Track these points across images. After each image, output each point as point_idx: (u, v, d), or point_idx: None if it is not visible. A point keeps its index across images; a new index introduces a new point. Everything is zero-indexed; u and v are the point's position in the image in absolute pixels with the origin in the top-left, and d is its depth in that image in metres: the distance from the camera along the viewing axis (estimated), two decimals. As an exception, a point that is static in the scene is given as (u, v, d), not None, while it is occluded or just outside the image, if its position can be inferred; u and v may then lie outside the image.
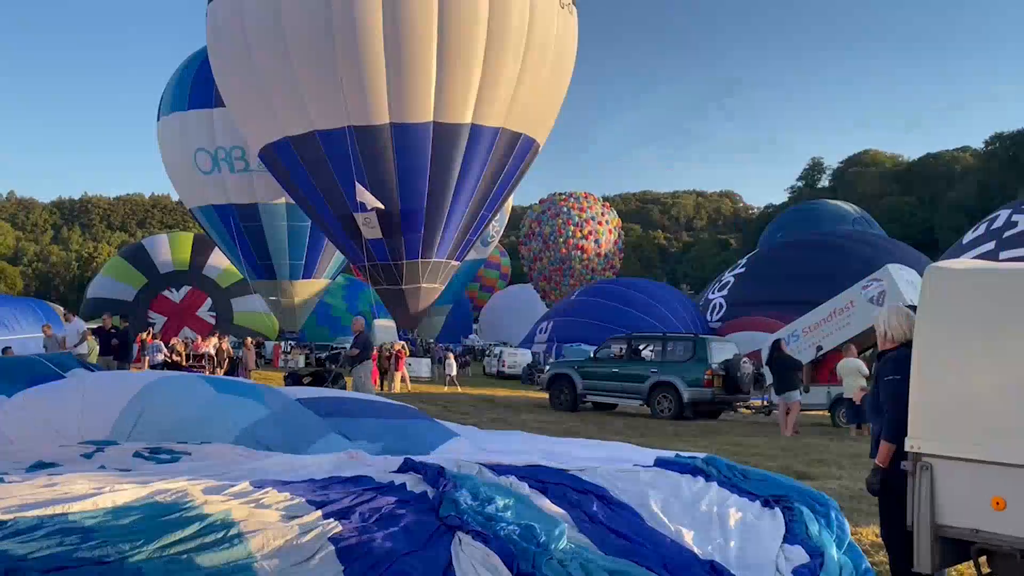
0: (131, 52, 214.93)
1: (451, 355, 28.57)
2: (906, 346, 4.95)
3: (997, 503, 4.17)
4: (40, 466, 5.13)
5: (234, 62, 23.20)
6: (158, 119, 33.35)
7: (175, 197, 50.76)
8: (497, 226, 44.53)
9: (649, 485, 4.85)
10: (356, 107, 21.68)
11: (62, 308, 25.99)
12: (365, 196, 21.55)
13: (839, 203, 57.40)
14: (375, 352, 20.53)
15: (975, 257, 22.25)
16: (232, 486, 4.28)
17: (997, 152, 77.14)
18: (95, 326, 21.51)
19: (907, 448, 4.50)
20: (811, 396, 18.88)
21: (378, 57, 21.18)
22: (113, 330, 20.05)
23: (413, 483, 4.57)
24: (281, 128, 22.78)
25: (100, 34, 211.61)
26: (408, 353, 26.87)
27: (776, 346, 17.87)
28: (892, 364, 4.97)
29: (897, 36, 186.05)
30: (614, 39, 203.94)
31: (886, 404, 4.89)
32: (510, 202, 44.55)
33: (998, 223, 23.86)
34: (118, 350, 19.75)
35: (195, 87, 30.95)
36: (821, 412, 19.23)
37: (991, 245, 22.88)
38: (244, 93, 23.59)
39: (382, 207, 21.92)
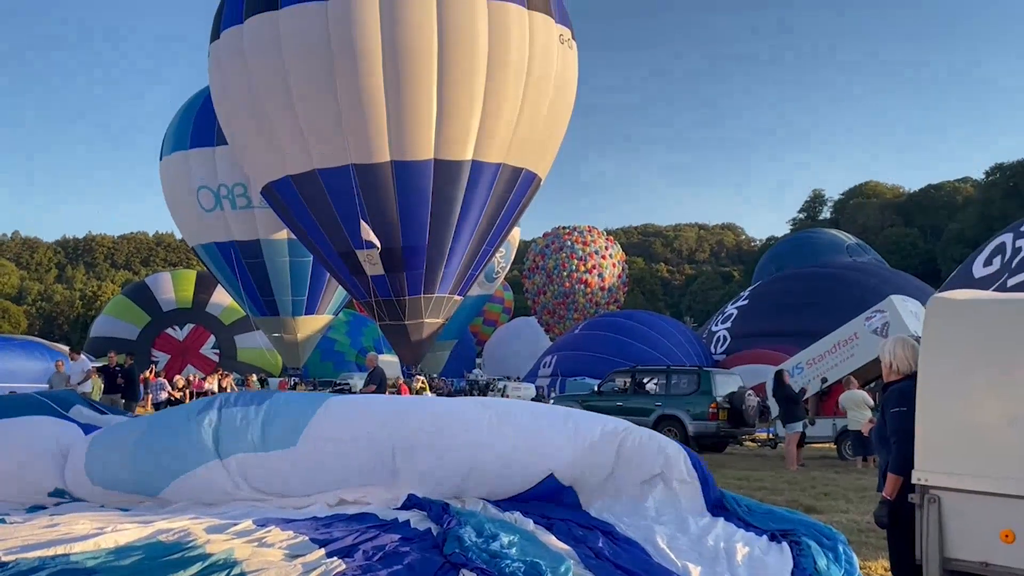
0: (134, 93, 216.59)
1: (423, 380, 28.36)
2: (911, 378, 4.92)
3: (1006, 536, 4.13)
4: (39, 507, 5.11)
5: (236, 101, 23.37)
6: (160, 159, 33.53)
7: (179, 235, 51.19)
8: (503, 262, 44.59)
9: (655, 520, 4.81)
10: (357, 146, 21.81)
11: (67, 347, 25.97)
12: (369, 234, 21.63)
13: (834, 232, 57.48)
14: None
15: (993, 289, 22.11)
16: (235, 524, 4.26)
17: (998, 182, 77.28)
18: (101, 364, 21.51)
19: (914, 480, 4.46)
20: (817, 428, 18.79)
21: (378, 96, 21.33)
22: (118, 368, 20.04)
23: (417, 520, 4.54)
24: (283, 167, 22.90)
25: (103, 75, 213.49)
26: (429, 388, 26.82)
27: (779, 377, 17.81)
28: (897, 396, 4.94)
29: (898, 67, 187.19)
30: (615, 73, 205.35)
31: (892, 436, 4.86)
32: (517, 237, 44.63)
33: (1006, 251, 23.60)
34: (125, 388, 19.74)
35: (197, 126, 31.15)
36: (827, 444, 19.13)
37: (1001, 275, 22.67)
38: (246, 132, 23.75)
39: (378, 245, 21.97)
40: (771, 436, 20.40)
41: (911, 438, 4.55)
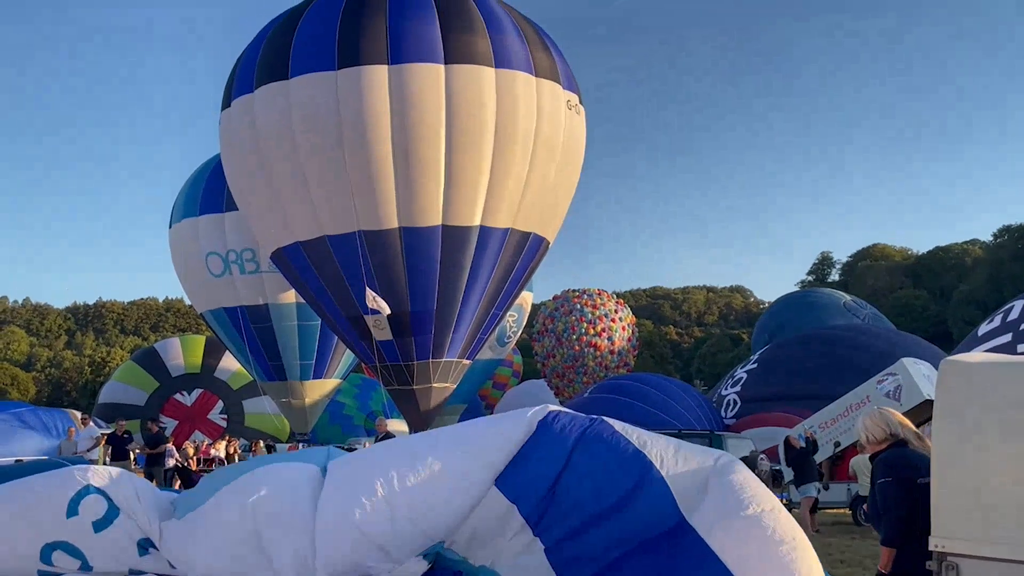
0: (144, 161, 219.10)
1: None
2: (896, 445, 4.92)
3: (1028, 604, 4.03)
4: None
5: (246, 168, 23.58)
6: (170, 226, 33.75)
7: (188, 301, 51.31)
8: (515, 326, 44.55)
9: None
10: (366, 213, 21.92)
11: (79, 413, 25.95)
12: (375, 301, 21.62)
13: (830, 291, 57.47)
14: None
15: (990, 350, 21.91)
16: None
17: (1006, 244, 77.32)
18: (110, 431, 21.67)
19: (931, 547, 4.38)
20: (831, 493, 18.57)
21: (387, 163, 21.51)
22: (127, 435, 20.51)
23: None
24: (292, 233, 23.02)
25: (114, 142, 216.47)
26: None
27: (787, 443, 17.71)
28: (882, 467, 4.94)
29: (903, 129, 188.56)
30: (622, 137, 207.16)
31: (881, 507, 4.82)
32: (529, 301, 44.58)
33: (1014, 314, 23.53)
34: (152, 454, 20.59)
35: (206, 193, 31.38)
36: (842, 510, 18.87)
37: (1008, 338, 22.54)
38: (256, 199, 23.92)
39: (388, 311, 21.97)
40: (785, 502, 20.13)
41: (900, 507, 4.54)
